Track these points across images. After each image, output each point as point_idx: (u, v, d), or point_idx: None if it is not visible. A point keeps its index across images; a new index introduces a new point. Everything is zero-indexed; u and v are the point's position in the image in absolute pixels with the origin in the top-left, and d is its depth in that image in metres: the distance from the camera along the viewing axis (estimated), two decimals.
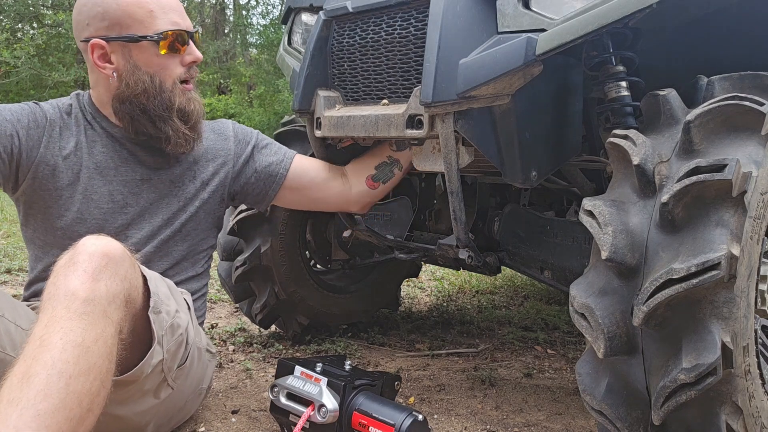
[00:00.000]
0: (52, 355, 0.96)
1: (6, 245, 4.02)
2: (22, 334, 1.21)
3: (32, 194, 1.41)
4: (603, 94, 1.43)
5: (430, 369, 2.08)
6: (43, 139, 1.40)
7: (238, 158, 1.63)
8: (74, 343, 0.98)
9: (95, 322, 1.03)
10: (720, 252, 0.97)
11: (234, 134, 1.64)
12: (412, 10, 1.47)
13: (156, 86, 1.38)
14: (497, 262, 1.81)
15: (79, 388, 0.96)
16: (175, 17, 1.39)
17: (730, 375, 0.98)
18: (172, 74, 1.39)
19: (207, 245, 1.62)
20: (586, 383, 1.14)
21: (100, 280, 1.08)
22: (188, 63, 1.40)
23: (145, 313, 1.21)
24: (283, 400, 1.41)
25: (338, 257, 2.31)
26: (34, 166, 1.39)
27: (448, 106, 1.36)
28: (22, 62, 10.98)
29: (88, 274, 1.07)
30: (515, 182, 1.51)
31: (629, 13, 1.20)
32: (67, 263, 1.10)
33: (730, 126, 1.10)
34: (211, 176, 1.58)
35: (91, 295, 1.05)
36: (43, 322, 1.02)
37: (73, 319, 1.01)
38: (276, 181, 1.65)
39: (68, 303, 1.03)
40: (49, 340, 0.98)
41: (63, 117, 1.44)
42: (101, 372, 1.01)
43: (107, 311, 1.06)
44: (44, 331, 1.00)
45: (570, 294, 1.12)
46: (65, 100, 1.49)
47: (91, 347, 1.00)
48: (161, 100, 1.39)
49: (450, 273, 3.61)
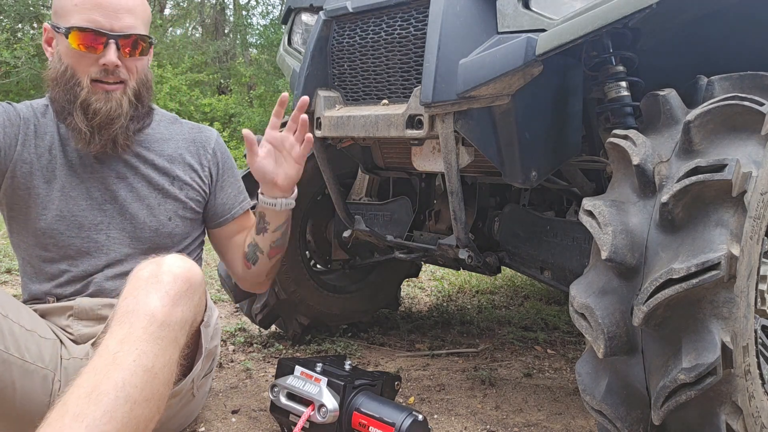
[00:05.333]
0: (123, 376, 0.98)
1: (6, 245, 4.02)
2: (26, 334, 1.21)
3: (12, 194, 1.40)
4: (603, 94, 1.43)
5: (430, 369, 2.08)
6: (19, 137, 1.40)
7: (212, 177, 1.60)
8: (144, 368, 1.01)
9: (166, 348, 1.05)
10: (720, 252, 0.97)
11: (213, 151, 1.60)
12: (412, 10, 1.47)
13: (66, 77, 1.37)
14: (497, 262, 1.81)
15: (139, 414, 0.98)
16: (97, 16, 1.34)
17: (730, 375, 0.98)
18: (86, 70, 1.36)
19: (192, 238, 1.59)
20: (586, 383, 1.14)
21: (179, 305, 1.10)
22: (101, 65, 1.36)
23: (197, 329, 1.22)
24: (283, 400, 1.41)
25: (338, 257, 2.31)
26: (12, 165, 1.39)
27: (448, 106, 1.36)
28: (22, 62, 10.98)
29: (170, 297, 1.09)
30: (515, 182, 1.51)
31: (629, 13, 1.20)
32: (149, 278, 1.11)
33: (730, 126, 1.10)
34: (187, 179, 1.55)
35: (168, 319, 1.07)
36: (118, 337, 1.03)
37: (148, 341, 1.03)
38: (218, 221, 1.61)
39: (147, 324, 1.05)
40: (122, 360, 1.00)
41: (37, 117, 1.44)
42: (161, 398, 1.04)
43: (178, 337, 1.09)
44: (119, 348, 1.01)
45: (570, 294, 1.12)
46: (41, 101, 1.48)
47: (158, 374, 1.02)
48: (66, 91, 1.37)
49: (450, 273, 3.61)
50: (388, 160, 1.91)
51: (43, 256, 1.42)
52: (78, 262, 1.42)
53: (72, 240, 1.41)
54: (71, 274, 1.41)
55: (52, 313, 1.38)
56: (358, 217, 1.99)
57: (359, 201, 2.15)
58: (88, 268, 1.41)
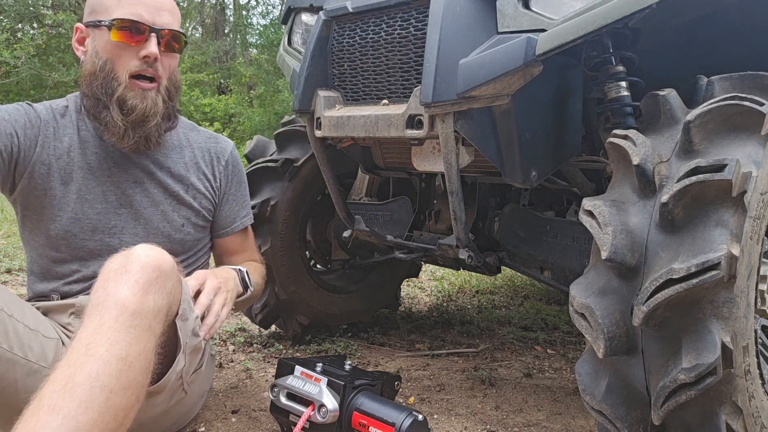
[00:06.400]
0: (97, 367, 0.97)
1: (6, 245, 4.02)
2: (30, 334, 1.21)
3: (28, 195, 1.41)
4: (603, 94, 1.43)
5: (430, 369, 2.08)
6: (38, 138, 1.40)
7: (221, 189, 1.64)
8: (118, 357, 1.00)
9: (140, 336, 1.05)
10: (720, 252, 0.97)
11: (226, 163, 1.65)
12: (412, 10, 1.47)
13: (105, 71, 1.39)
14: (497, 262, 1.81)
15: (117, 403, 0.97)
16: (141, 10, 1.39)
17: (730, 375, 0.98)
18: (125, 64, 1.38)
19: (202, 244, 1.62)
20: (586, 383, 1.14)
21: (150, 293, 1.09)
22: (142, 57, 1.38)
23: (172, 320, 1.22)
24: (283, 400, 1.41)
25: (338, 257, 2.31)
26: (30, 166, 1.39)
27: (448, 106, 1.36)
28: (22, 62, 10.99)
29: (140, 285, 1.08)
30: (515, 182, 1.51)
31: (629, 13, 1.20)
32: (119, 269, 1.10)
33: (730, 126, 1.10)
34: (200, 188, 1.58)
35: (140, 308, 1.06)
36: (90, 329, 1.02)
37: (120, 331, 1.02)
38: (220, 233, 1.66)
39: (117, 314, 1.04)
40: (95, 350, 0.99)
41: (56, 118, 1.44)
42: (139, 387, 1.03)
43: (152, 325, 1.08)
44: (91, 339, 1.00)
45: (570, 294, 1.12)
46: (60, 101, 1.48)
47: (133, 362, 1.02)
48: (104, 84, 1.39)
49: (450, 273, 3.61)
50: (388, 160, 1.91)
51: (54, 256, 1.43)
52: (89, 263, 1.43)
53: (85, 242, 1.43)
54: (81, 274, 1.43)
55: (55, 311, 1.39)
56: (358, 217, 1.99)
57: (359, 201, 2.15)
58: (98, 270, 1.41)
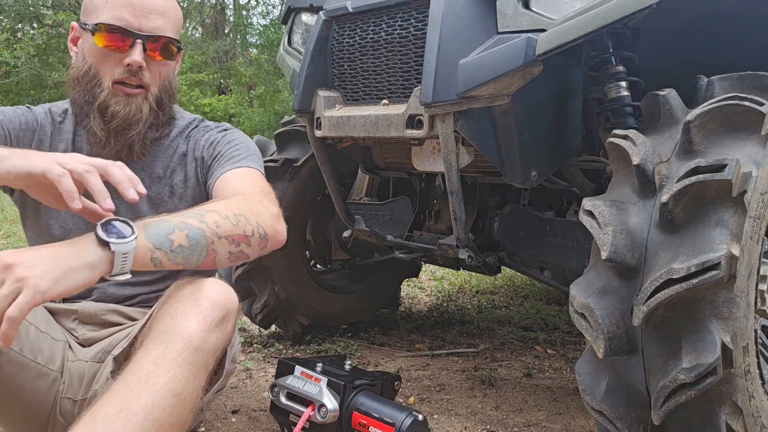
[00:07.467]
0: (153, 399, 0.97)
1: (6, 245, 4.02)
2: (40, 336, 1.21)
3: (25, 199, 1.40)
4: (603, 94, 1.43)
5: (430, 369, 2.08)
6: (33, 143, 1.38)
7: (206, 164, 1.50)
8: (174, 393, 1.00)
9: (197, 373, 1.05)
10: (720, 252, 0.97)
11: (206, 142, 1.49)
12: (412, 10, 1.47)
13: (89, 76, 1.33)
14: (497, 262, 1.81)
15: None
16: (126, 13, 1.30)
17: (730, 375, 0.98)
18: (110, 71, 1.32)
19: None
20: (586, 383, 1.14)
21: (214, 332, 1.09)
22: (125, 65, 1.31)
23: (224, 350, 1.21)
24: (283, 400, 1.41)
25: (338, 257, 2.31)
26: None
27: (448, 106, 1.36)
28: (22, 62, 10.99)
29: (207, 323, 1.08)
30: (515, 182, 1.51)
31: (629, 13, 1.20)
32: (188, 301, 1.09)
33: (730, 126, 1.10)
34: (187, 187, 1.49)
35: (203, 345, 1.06)
36: (152, 357, 1.02)
37: (182, 366, 1.02)
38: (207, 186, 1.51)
39: (182, 347, 1.04)
40: (154, 381, 0.99)
41: (54, 122, 1.42)
42: (184, 425, 1.03)
43: (208, 363, 1.08)
44: (152, 369, 1.01)
45: (570, 294, 1.12)
46: (61, 104, 1.46)
47: (186, 400, 1.02)
48: (86, 90, 1.33)
49: (450, 273, 3.61)
50: (388, 160, 1.90)
51: None
52: None
53: None
54: None
55: (59, 314, 1.38)
56: (358, 217, 1.99)
57: (359, 201, 2.15)
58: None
